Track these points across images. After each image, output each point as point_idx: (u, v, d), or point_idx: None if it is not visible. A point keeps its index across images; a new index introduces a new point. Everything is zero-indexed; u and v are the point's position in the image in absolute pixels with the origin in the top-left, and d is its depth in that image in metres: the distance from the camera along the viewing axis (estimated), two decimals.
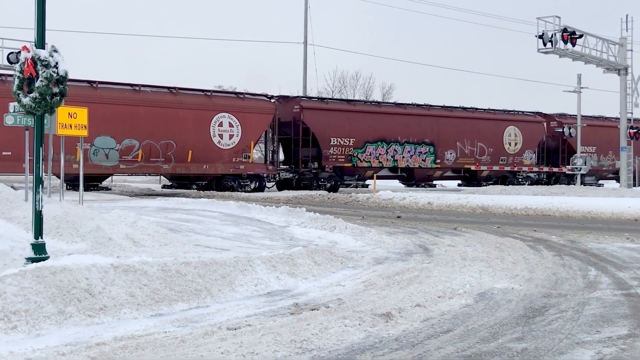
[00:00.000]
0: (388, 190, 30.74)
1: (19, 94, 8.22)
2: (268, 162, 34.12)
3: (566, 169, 41.62)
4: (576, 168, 38.27)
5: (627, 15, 36.95)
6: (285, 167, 35.00)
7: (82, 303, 6.79)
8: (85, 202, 14.36)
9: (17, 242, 9.20)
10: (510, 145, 41.39)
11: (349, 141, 35.04)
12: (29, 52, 8.09)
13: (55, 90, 8.14)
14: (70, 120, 13.01)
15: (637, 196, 26.62)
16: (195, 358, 5.62)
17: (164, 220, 15.63)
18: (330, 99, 35.77)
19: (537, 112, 43.74)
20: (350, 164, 35.18)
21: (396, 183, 41.19)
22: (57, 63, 8.10)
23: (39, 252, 8.12)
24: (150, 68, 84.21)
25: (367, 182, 36.96)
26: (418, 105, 39.07)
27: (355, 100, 36.86)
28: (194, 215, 17.44)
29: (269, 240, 13.10)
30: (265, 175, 33.22)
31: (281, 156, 36.16)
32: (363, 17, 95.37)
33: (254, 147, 32.73)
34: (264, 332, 6.41)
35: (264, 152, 35.89)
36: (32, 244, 8.19)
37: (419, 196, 25.86)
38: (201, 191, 30.63)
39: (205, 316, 7.09)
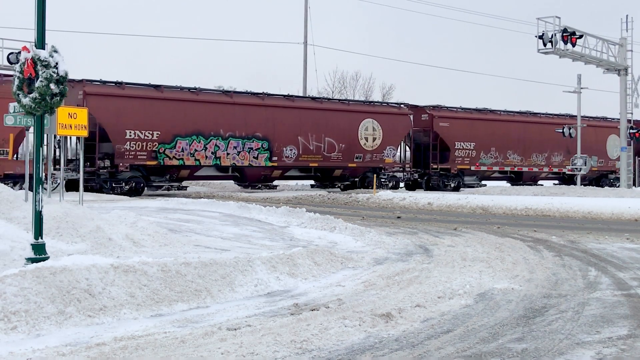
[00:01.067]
0: (388, 190, 30.77)
1: (18, 94, 8.22)
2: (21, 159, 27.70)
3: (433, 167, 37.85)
4: (576, 168, 38.25)
5: (627, 16, 36.99)
6: (70, 166, 29.09)
7: (82, 303, 6.79)
8: (85, 202, 14.36)
9: (17, 243, 9.20)
10: (367, 140, 35.51)
11: (153, 134, 29.23)
12: (29, 52, 8.10)
13: (55, 90, 8.14)
14: (70, 120, 13.00)
15: (637, 196, 26.63)
16: (195, 358, 5.62)
17: (164, 220, 15.63)
18: (128, 83, 29.48)
19: (402, 103, 38.22)
20: (155, 162, 29.44)
21: (229, 184, 37.48)
22: (57, 63, 8.10)
23: (39, 252, 8.12)
24: (150, 68, 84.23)
25: (185, 183, 32.78)
26: (253, 94, 33.18)
27: (164, 86, 30.50)
28: (194, 216, 17.44)
29: (269, 240, 13.10)
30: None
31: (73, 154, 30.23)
32: (363, 17, 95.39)
33: (14, 142, 26.30)
34: (264, 332, 6.41)
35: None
36: (32, 245, 8.19)
37: (419, 196, 25.88)
38: (200, 191, 30.21)
39: (205, 316, 7.09)
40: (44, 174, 8.45)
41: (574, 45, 33.05)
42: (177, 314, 7.14)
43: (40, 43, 8.16)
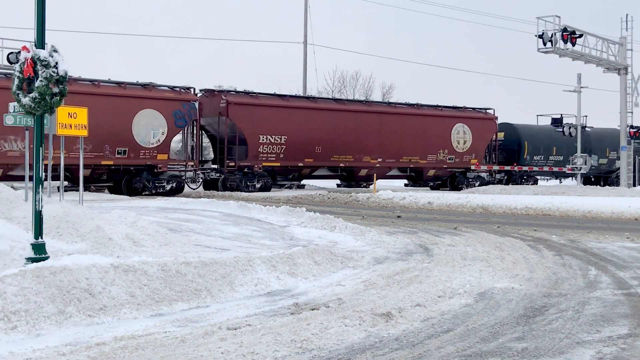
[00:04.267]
0: (388, 189, 30.77)
1: (18, 94, 8.22)
2: None
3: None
4: (576, 167, 38.27)
5: (627, 15, 37.00)
6: None
7: (82, 303, 6.79)
8: (85, 202, 14.36)
9: (17, 242, 9.20)
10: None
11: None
12: (28, 52, 8.09)
13: (55, 90, 8.14)
14: (70, 120, 12.99)
15: (637, 196, 26.63)
16: (195, 358, 5.62)
17: (164, 220, 15.62)
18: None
19: None
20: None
21: None
22: (56, 63, 8.10)
23: (39, 252, 8.12)
24: (150, 68, 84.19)
25: None
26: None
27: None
28: (194, 215, 17.44)
29: (269, 240, 13.09)
30: None
31: None
32: (363, 17, 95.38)
33: None
34: (264, 332, 6.41)
35: None
36: (32, 244, 8.18)
37: (419, 196, 25.87)
38: (201, 191, 30.16)
39: (205, 316, 7.09)
40: (43, 174, 8.44)
41: (573, 44, 33.07)
42: (177, 314, 7.14)
43: (40, 43, 8.16)
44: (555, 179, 44.40)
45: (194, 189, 31.09)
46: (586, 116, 42.46)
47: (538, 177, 42.25)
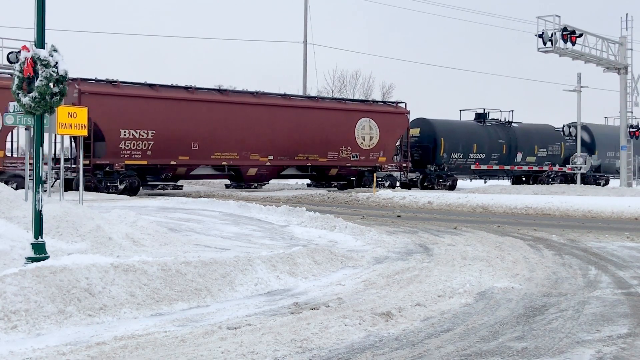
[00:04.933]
0: (388, 189, 30.80)
1: (18, 94, 8.22)
2: None
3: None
4: (576, 167, 38.29)
5: (627, 15, 37.01)
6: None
7: (82, 302, 6.79)
8: (85, 201, 14.36)
9: (17, 242, 9.19)
10: None
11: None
12: (28, 51, 8.09)
13: (55, 89, 8.13)
14: (70, 119, 12.98)
15: (637, 195, 26.64)
16: (195, 357, 5.62)
17: (164, 219, 15.62)
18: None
19: None
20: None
21: None
22: (56, 63, 8.10)
23: (39, 251, 8.12)
24: (151, 68, 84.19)
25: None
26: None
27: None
28: (194, 215, 17.43)
29: (269, 239, 13.09)
30: None
31: None
32: (363, 17, 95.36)
33: None
34: (264, 331, 6.41)
35: None
36: (32, 244, 8.18)
37: (419, 195, 25.89)
38: (201, 190, 30.06)
39: (205, 315, 7.09)
40: (43, 173, 8.45)
41: (573, 44, 33.07)
42: (177, 313, 7.15)
43: (40, 42, 8.15)
44: (479, 179, 41.49)
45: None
46: (512, 111, 41.25)
47: (458, 176, 38.73)
